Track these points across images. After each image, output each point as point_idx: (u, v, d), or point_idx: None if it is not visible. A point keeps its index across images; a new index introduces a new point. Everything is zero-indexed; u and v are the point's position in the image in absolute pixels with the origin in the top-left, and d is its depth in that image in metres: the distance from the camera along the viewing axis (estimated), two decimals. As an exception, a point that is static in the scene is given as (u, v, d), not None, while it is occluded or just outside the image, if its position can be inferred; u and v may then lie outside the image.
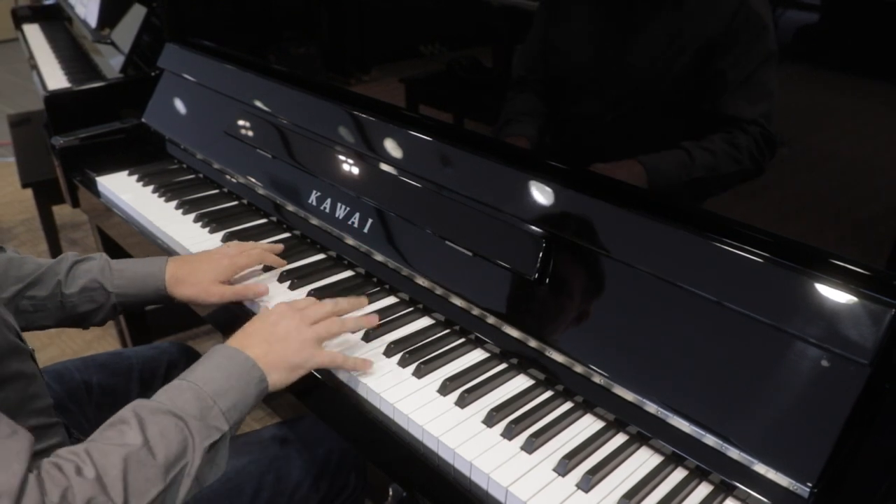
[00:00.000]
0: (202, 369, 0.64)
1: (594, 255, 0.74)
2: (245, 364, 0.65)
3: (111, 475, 0.52)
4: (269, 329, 0.70)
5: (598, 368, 0.69)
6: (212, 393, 0.61)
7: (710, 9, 0.69)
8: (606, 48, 0.78)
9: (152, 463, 0.55)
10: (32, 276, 0.81)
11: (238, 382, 0.64)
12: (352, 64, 1.12)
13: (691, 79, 0.72)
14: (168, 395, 0.61)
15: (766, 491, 0.59)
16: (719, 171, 0.70)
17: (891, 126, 0.60)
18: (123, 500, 0.52)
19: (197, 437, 0.58)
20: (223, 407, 0.61)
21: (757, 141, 0.67)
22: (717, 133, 0.70)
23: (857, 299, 0.60)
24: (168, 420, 0.58)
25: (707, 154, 0.71)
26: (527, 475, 0.63)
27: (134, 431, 0.56)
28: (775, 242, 0.66)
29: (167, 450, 0.56)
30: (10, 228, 2.58)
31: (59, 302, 0.81)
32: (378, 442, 0.72)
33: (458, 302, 0.82)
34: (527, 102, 0.86)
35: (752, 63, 0.67)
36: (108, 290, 0.82)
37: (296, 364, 0.69)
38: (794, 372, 0.61)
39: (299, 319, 0.71)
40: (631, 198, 0.74)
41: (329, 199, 0.99)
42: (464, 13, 0.94)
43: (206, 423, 0.60)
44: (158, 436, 0.56)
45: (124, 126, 1.35)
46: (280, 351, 0.68)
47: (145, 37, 1.61)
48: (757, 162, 0.68)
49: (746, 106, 0.68)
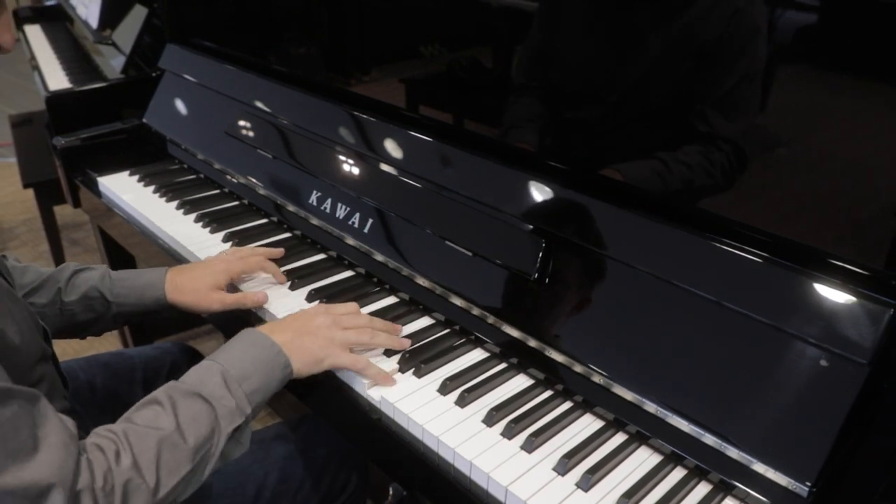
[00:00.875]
0: (230, 351, 0.66)
1: (594, 255, 0.74)
2: (272, 349, 0.67)
3: (146, 458, 0.57)
4: (302, 322, 0.72)
5: (597, 368, 0.69)
6: (238, 376, 0.64)
7: (705, 20, 0.69)
8: (605, 55, 0.79)
9: (183, 446, 0.59)
10: (33, 284, 0.82)
11: (264, 367, 0.66)
12: (352, 64, 1.12)
13: (681, 88, 0.72)
14: (198, 376, 0.64)
15: (766, 490, 0.59)
16: (693, 184, 0.71)
17: (889, 126, 0.60)
18: (156, 480, 0.57)
19: (223, 422, 0.62)
20: (247, 390, 0.64)
21: (729, 158, 0.68)
22: (694, 146, 0.71)
23: (855, 299, 0.60)
24: (198, 404, 0.61)
25: (683, 167, 0.71)
26: (526, 474, 0.63)
27: (168, 415, 0.60)
28: (774, 242, 0.66)
29: (197, 433, 0.60)
30: (12, 228, 2.59)
31: (58, 310, 0.83)
32: (378, 441, 0.72)
33: (458, 302, 0.82)
34: (528, 108, 0.87)
35: (735, 77, 0.67)
36: (108, 300, 0.83)
37: (320, 357, 0.70)
38: (793, 371, 0.61)
39: (332, 321, 0.73)
40: (630, 198, 0.74)
41: (329, 199, 0.99)
42: (464, 14, 0.94)
43: (231, 407, 0.62)
44: (190, 419, 0.60)
45: (125, 126, 1.36)
46: (307, 342, 0.70)
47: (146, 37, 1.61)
48: (727, 176, 0.69)
49: (726, 120, 0.68)
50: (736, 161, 0.69)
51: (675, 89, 0.73)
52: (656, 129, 0.75)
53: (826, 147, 0.65)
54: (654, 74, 0.74)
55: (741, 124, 0.68)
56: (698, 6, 0.70)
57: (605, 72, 0.79)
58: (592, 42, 0.80)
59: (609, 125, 0.79)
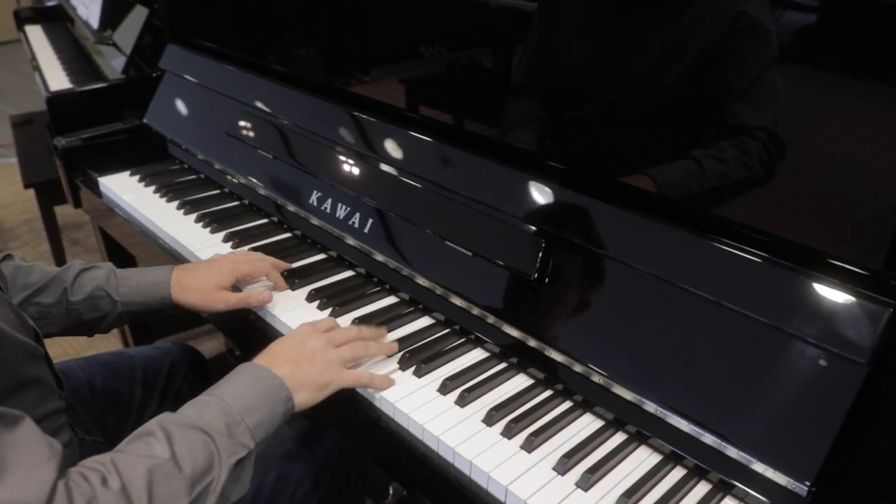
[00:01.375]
0: (230, 386, 0.64)
1: (593, 255, 0.74)
2: (273, 383, 0.65)
3: (136, 486, 0.52)
4: (297, 349, 0.70)
5: (597, 368, 0.70)
6: (239, 409, 0.61)
7: (709, 16, 0.69)
8: (605, 55, 0.79)
9: (178, 477, 0.54)
10: (39, 284, 0.81)
11: (266, 401, 0.63)
12: (352, 64, 1.12)
13: (693, 86, 0.72)
14: (195, 410, 0.61)
15: (765, 489, 0.59)
16: (730, 179, 0.69)
17: (889, 127, 0.60)
18: None
19: (224, 454, 0.58)
20: (250, 424, 0.61)
21: (766, 146, 0.67)
22: (726, 140, 0.70)
23: (855, 299, 0.60)
24: (195, 435, 0.58)
25: (717, 162, 0.70)
26: (526, 474, 0.63)
27: (161, 445, 0.56)
28: (774, 242, 0.66)
29: (194, 464, 0.56)
30: (13, 228, 2.59)
31: (64, 309, 0.82)
32: (378, 441, 0.73)
33: (458, 301, 0.82)
34: (528, 108, 0.87)
35: (755, 68, 0.67)
36: (113, 299, 0.83)
37: (322, 384, 0.68)
38: (793, 371, 0.61)
39: (325, 341, 0.71)
40: (630, 198, 0.74)
41: (330, 199, 0.99)
42: (463, 14, 0.94)
43: (233, 439, 0.59)
44: (186, 450, 0.56)
45: (126, 127, 1.36)
46: (307, 370, 0.68)
47: (147, 38, 1.61)
48: (767, 167, 0.68)
49: (753, 112, 0.68)
50: (774, 148, 0.67)
51: (683, 86, 0.72)
52: (662, 126, 0.75)
53: (825, 147, 0.65)
54: (658, 73, 0.74)
55: (772, 112, 0.66)
56: (701, 3, 0.69)
57: (607, 72, 0.79)
58: (594, 42, 0.80)
59: (612, 123, 0.79)
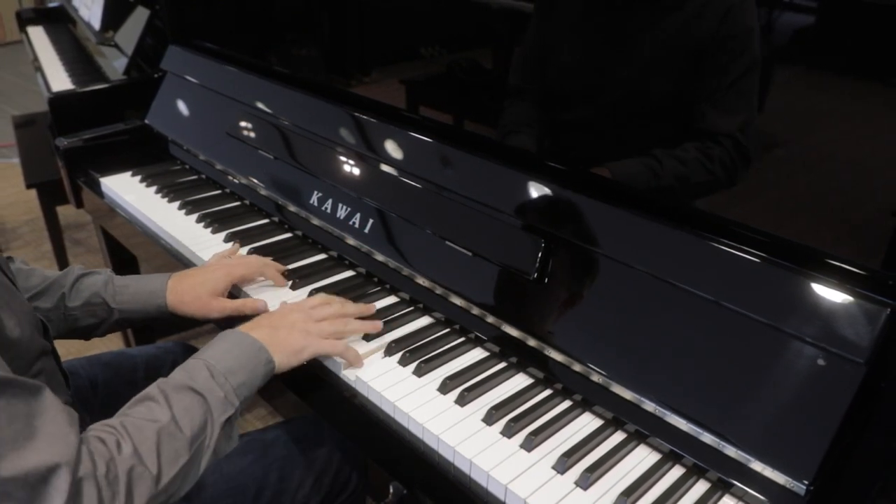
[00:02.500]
0: (214, 350, 0.68)
1: (593, 255, 0.74)
2: (253, 346, 0.69)
3: (146, 447, 0.57)
4: (278, 319, 0.75)
5: (596, 367, 0.70)
6: (224, 371, 0.65)
7: (699, 16, 0.70)
8: (596, 56, 0.79)
9: (180, 436, 0.60)
10: (39, 288, 0.83)
11: (248, 363, 0.68)
12: (352, 65, 1.13)
13: (675, 88, 0.73)
14: (187, 373, 0.65)
15: (763, 488, 0.59)
16: (690, 181, 0.72)
17: (887, 127, 0.61)
18: (157, 469, 0.57)
19: (215, 413, 0.63)
20: (234, 384, 0.65)
21: (730, 153, 0.69)
22: (692, 143, 0.71)
23: (853, 299, 0.60)
24: (190, 397, 0.62)
25: (677, 163, 0.72)
26: (526, 473, 0.63)
27: (162, 408, 0.61)
28: (772, 242, 0.66)
29: (192, 424, 0.61)
30: (15, 229, 2.60)
31: (62, 314, 0.84)
32: (379, 440, 0.73)
33: (458, 301, 0.82)
34: (525, 113, 0.87)
35: (733, 72, 0.68)
36: (110, 307, 0.85)
37: (298, 348, 0.72)
38: (791, 371, 0.61)
39: (306, 314, 0.76)
40: (629, 198, 0.75)
41: (330, 199, 1.00)
42: (463, 15, 0.94)
43: (221, 397, 0.64)
44: (183, 411, 0.61)
45: (127, 127, 1.36)
46: (285, 336, 0.72)
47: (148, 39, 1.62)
48: (730, 173, 0.69)
49: (723, 117, 0.69)
50: (738, 157, 0.69)
51: (671, 88, 0.73)
52: (653, 127, 0.76)
53: (824, 147, 0.65)
54: (648, 74, 0.75)
55: (740, 120, 0.69)
56: (691, 6, 0.70)
57: (599, 72, 0.79)
58: (587, 43, 0.80)
59: (604, 124, 0.80)
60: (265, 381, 0.69)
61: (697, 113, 0.71)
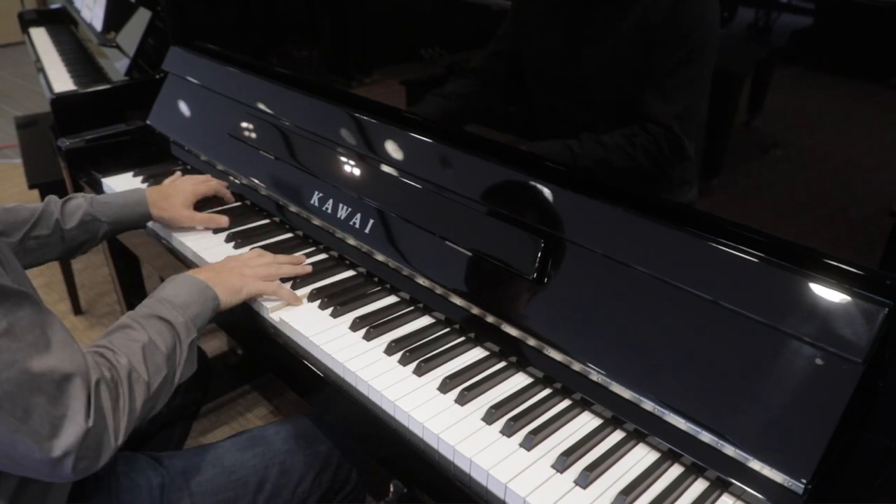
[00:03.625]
0: (168, 289, 0.77)
1: (592, 255, 0.75)
2: (200, 285, 0.79)
3: (136, 359, 0.66)
4: (219, 266, 0.87)
5: (595, 366, 0.70)
6: (181, 304, 0.75)
7: (653, 9, 0.70)
8: (561, 43, 0.80)
9: (159, 352, 0.69)
10: (33, 219, 0.92)
11: (199, 298, 0.78)
12: (353, 67, 1.13)
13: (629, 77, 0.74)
14: (150, 306, 0.74)
15: (762, 487, 0.60)
16: (609, 165, 0.75)
17: (883, 128, 0.61)
18: (147, 376, 0.66)
19: (182, 335, 0.72)
20: (190, 315, 0.75)
21: (658, 141, 0.69)
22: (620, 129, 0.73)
23: (850, 298, 0.61)
24: (159, 323, 0.72)
25: (597, 146, 0.74)
26: (526, 471, 0.64)
27: (139, 331, 0.69)
28: (770, 242, 0.66)
29: (165, 343, 0.70)
30: (17, 229, 2.60)
31: (60, 237, 0.95)
32: (379, 439, 0.73)
33: (458, 301, 0.83)
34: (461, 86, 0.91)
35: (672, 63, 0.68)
36: (101, 220, 0.98)
37: (238, 287, 0.83)
38: (789, 370, 0.61)
39: (243, 262, 0.88)
40: (628, 198, 0.75)
41: (331, 199, 1.00)
42: (463, 17, 0.95)
43: (183, 325, 0.73)
44: (157, 333, 0.70)
45: (129, 128, 1.37)
46: (225, 278, 0.83)
47: (150, 40, 1.62)
48: (656, 162, 0.70)
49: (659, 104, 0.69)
50: (668, 146, 0.69)
51: (627, 77, 0.74)
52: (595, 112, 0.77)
53: (821, 148, 0.66)
54: (609, 63, 0.75)
55: (677, 109, 0.69)
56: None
57: (565, 61, 0.80)
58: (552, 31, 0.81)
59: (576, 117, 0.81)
60: (213, 314, 0.80)
61: (638, 100, 0.72)
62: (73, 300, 2.04)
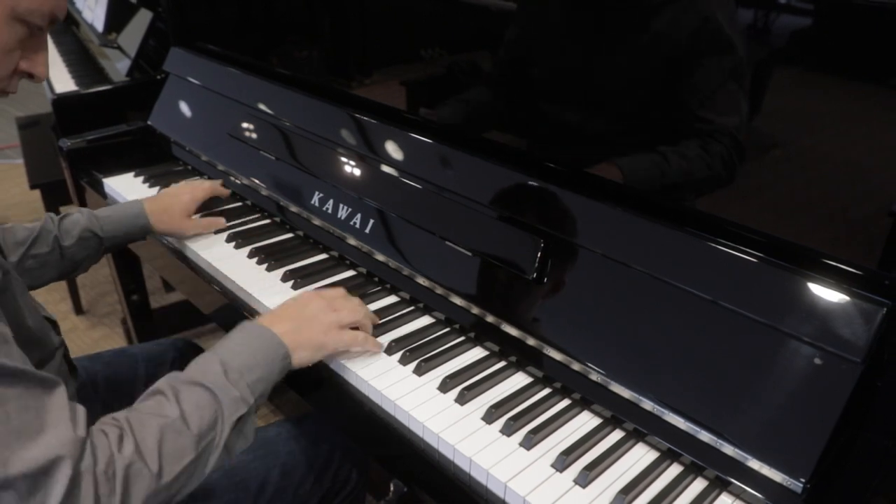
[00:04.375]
0: (231, 343, 0.67)
1: (591, 255, 0.75)
2: (271, 341, 0.68)
3: (148, 443, 0.57)
4: (298, 310, 0.73)
5: (594, 366, 0.70)
6: (239, 367, 0.64)
7: (676, 23, 0.71)
8: (578, 60, 0.80)
9: (187, 433, 0.59)
10: (31, 238, 0.89)
11: (264, 358, 0.66)
12: (353, 67, 1.13)
13: (656, 91, 0.74)
14: (200, 368, 0.64)
15: (761, 486, 0.60)
16: (693, 177, 0.73)
17: (882, 128, 0.61)
18: (158, 467, 0.56)
19: (227, 410, 0.62)
20: (249, 381, 0.64)
21: (728, 149, 0.70)
22: (692, 140, 0.73)
23: (849, 298, 0.61)
24: (201, 393, 0.61)
25: (681, 159, 0.73)
26: (525, 471, 0.64)
27: (171, 404, 0.60)
28: (769, 243, 0.66)
29: (200, 421, 0.60)
30: (18, 230, 2.61)
31: (59, 255, 0.92)
32: (379, 438, 0.73)
33: (458, 301, 0.83)
34: (476, 93, 0.91)
35: (718, 77, 0.69)
36: (100, 237, 0.95)
37: (320, 344, 0.72)
38: (788, 369, 0.62)
39: (326, 304, 0.75)
40: (627, 199, 0.75)
41: (331, 200, 1.00)
42: (464, 18, 0.95)
43: (234, 396, 0.62)
44: (193, 407, 0.60)
45: (130, 128, 1.37)
46: (306, 330, 0.71)
47: (151, 41, 1.63)
48: (729, 169, 0.70)
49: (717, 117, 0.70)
50: (736, 153, 0.70)
51: (650, 91, 0.74)
52: (638, 130, 0.77)
53: (820, 148, 0.66)
54: (629, 79, 0.76)
55: (735, 119, 0.70)
56: (670, 11, 0.71)
57: (580, 77, 0.81)
58: (570, 47, 0.81)
59: (591, 126, 0.81)
60: (282, 375, 0.68)
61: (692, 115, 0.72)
62: (74, 300, 2.05)
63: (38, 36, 0.64)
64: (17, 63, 0.63)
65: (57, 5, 0.63)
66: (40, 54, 0.65)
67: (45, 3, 0.61)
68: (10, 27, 0.60)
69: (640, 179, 0.77)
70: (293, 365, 0.70)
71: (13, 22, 0.60)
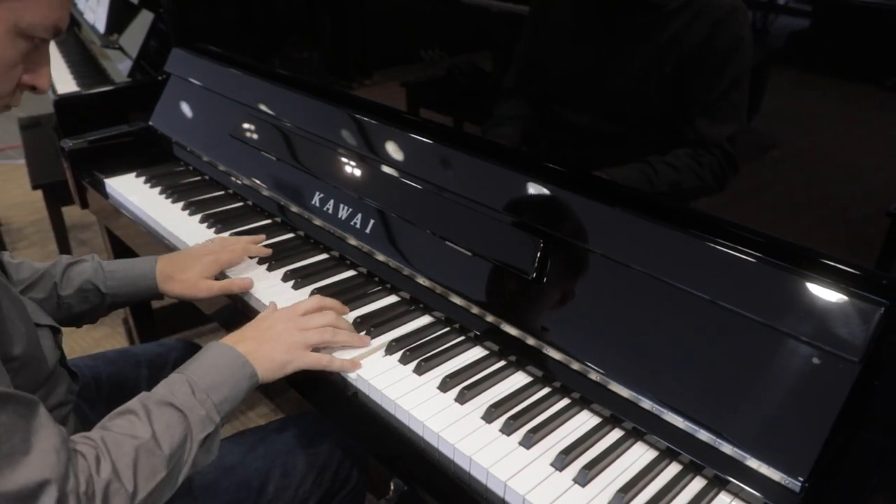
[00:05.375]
0: (197, 364, 0.68)
1: (590, 255, 0.75)
2: (237, 360, 0.69)
3: (123, 463, 0.58)
4: (264, 330, 0.74)
5: (594, 366, 0.71)
6: (206, 387, 0.66)
7: (690, 27, 0.71)
8: (590, 66, 0.81)
9: (159, 453, 0.60)
10: (31, 280, 0.85)
11: (231, 377, 0.68)
12: (354, 68, 1.14)
13: (665, 97, 0.74)
14: (169, 389, 0.65)
15: (759, 485, 0.60)
16: (681, 187, 0.73)
17: (881, 129, 0.61)
18: (134, 486, 0.58)
19: (195, 429, 0.63)
20: (216, 400, 0.66)
21: (719, 160, 0.70)
22: (683, 149, 0.73)
23: (847, 298, 0.61)
24: (172, 413, 0.63)
25: (670, 170, 0.73)
26: (525, 470, 0.64)
27: (143, 424, 0.61)
28: (768, 243, 0.67)
29: (171, 441, 0.62)
30: (21, 229, 2.62)
31: (55, 303, 0.86)
32: (379, 438, 0.74)
33: (458, 301, 0.83)
34: (515, 107, 0.89)
35: (723, 83, 0.69)
36: (102, 292, 0.88)
37: (283, 362, 0.72)
38: (787, 369, 0.62)
39: (293, 325, 0.75)
40: (626, 199, 0.76)
41: (332, 200, 1.01)
42: (464, 19, 0.95)
43: (202, 415, 0.64)
44: (164, 427, 0.62)
45: (132, 129, 1.37)
46: (268, 350, 0.72)
47: (152, 42, 1.63)
48: (719, 180, 0.71)
49: (712, 126, 0.70)
50: (727, 165, 0.71)
51: (661, 97, 0.75)
52: (647, 134, 0.77)
53: (819, 149, 0.66)
54: (640, 83, 0.76)
55: (729, 130, 0.70)
56: (681, 18, 0.71)
57: (592, 81, 0.80)
58: (580, 52, 0.82)
59: (599, 131, 0.81)
60: (249, 393, 0.70)
61: (689, 122, 0.72)
62: (75, 300, 2.05)
63: (41, 48, 0.62)
64: (20, 77, 0.61)
65: (60, 18, 0.60)
66: (43, 67, 0.62)
67: (49, 17, 0.58)
68: (12, 42, 0.58)
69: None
70: (259, 383, 0.71)
71: (15, 37, 0.57)
